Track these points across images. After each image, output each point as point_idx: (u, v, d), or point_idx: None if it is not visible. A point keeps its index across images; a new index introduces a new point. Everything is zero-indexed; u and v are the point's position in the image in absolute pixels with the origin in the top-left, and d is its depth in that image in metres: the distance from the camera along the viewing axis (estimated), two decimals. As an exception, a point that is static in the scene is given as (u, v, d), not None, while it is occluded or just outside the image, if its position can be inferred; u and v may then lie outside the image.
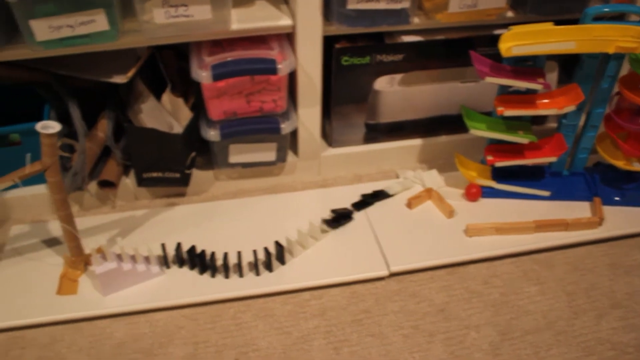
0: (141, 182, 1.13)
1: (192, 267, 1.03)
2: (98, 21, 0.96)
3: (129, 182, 1.16)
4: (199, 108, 1.13)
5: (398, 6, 1.06)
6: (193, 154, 1.15)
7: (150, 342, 0.95)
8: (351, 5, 1.04)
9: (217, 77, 1.02)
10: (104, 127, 1.14)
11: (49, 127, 0.89)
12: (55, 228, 1.13)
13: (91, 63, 1.10)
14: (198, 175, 1.19)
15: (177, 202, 1.18)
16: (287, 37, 1.09)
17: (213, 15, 0.99)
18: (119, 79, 1.06)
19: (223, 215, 1.14)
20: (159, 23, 0.98)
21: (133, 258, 1.00)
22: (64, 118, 1.12)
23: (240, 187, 1.22)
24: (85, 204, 1.17)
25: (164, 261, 1.03)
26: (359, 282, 1.03)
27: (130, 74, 1.07)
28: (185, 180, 1.14)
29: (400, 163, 1.27)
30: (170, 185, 1.14)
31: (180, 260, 1.04)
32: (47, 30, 0.96)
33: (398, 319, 0.98)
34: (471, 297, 1.01)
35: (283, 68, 1.04)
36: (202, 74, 1.02)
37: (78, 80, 1.12)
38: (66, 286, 1.01)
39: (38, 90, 1.13)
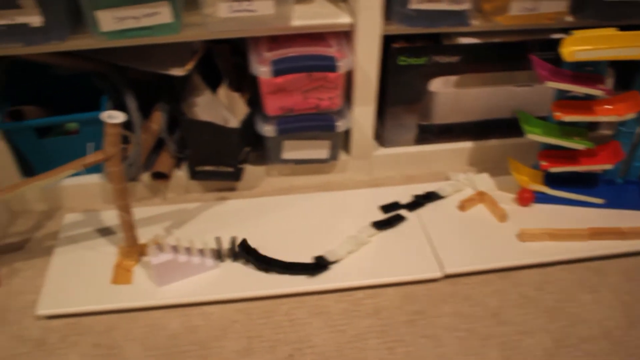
0: (194, 175, 1.13)
1: (246, 262, 1.03)
2: (162, 13, 0.97)
3: (180, 174, 1.17)
4: (255, 103, 1.13)
5: (459, 7, 1.05)
6: (247, 148, 1.15)
7: (205, 334, 0.95)
8: (413, 5, 1.03)
9: (277, 73, 1.02)
10: (158, 119, 1.14)
11: (114, 117, 0.89)
12: (108, 217, 1.14)
13: (147, 55, 1.10)
14: (250, 171, 1.19)
15: (228, 197, 1.19)
16: (345, 35, 1.09)
17: (276, 10, 0.99)
18: (178, 72, 1.07)
19: (274, 211, 1.14)
20: (222, 17, 0.99)
21: (188, 250, 1.01)
22: (119, 109, 1.13)
23: (292, 184, 1.22)
24: (137, 195, 1.18)
25: (218, 254, 1.04)
26: (412, 282, 1.03)
27: (188, 66, 1.07)
28: (237, 175, 1.14)
29: (450, 165, 1.26)
30: (223, 179, 1.15)
31: (234, 255, 1.04)
32: (111, 21, 0.96)
33: (452, 321, 0.97)
34: (524, 302, 1.00)
35: (342, 66, 1.04)
36: (261, 69, 1.02)
37: (134, 71, 1.12)
38: (121, 276, 1.02)
39: (95, 80, 1.14)
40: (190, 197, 1.19)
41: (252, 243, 1.05)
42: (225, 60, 1.18)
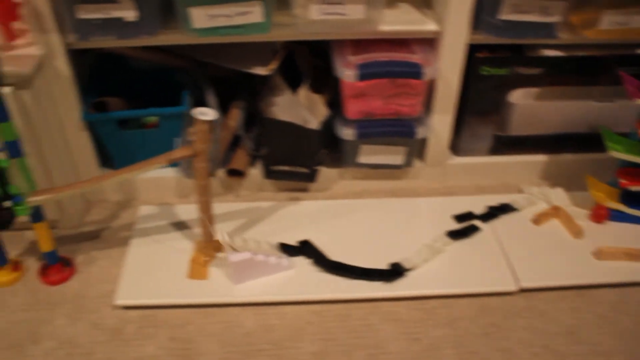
0: (269, 174, 1.14)
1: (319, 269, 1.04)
2: (254, 12, 0.97)
3: (255, 172, 1.18)
4: (333, 106, 1.13)
5: (548, 19, 1.04)
6: (324, 150, 1.15)
7: (280, 334, 0.95)
8: (502, 16, 1.02)
9: (362, 77, 1.02)
10: (235, 117, 1.15)
11: (205, 114, 0.90)
12: (182, 211, 1.15)
13: (229, 53, 1.11)
14: (323, 172, 1.19)
15: (300, 197, 1.19)
16: (429, 42, 1.08)
17: (366, 15, 0.99)
18: (261, 71, 1.07)
19: (347, 214, 1.14)
20: (312, 19, 0.99)
21: (264, 249, 1.01)
22: (198, 105, 1.14)
23: (364, 188, 1.22)
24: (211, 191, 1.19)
25: (293, 255, 1.04)
26: (486, 294, 1.02)
27: (272, 66, 1.07)
28: (312, 177, 1.14)
29: (523, 178, 1.25)
30: (297, 180, 1.15)
31: (308, 255, 1.04)
32: (204, 18, 0.97)
33: (527, 336, 0.96)
34: (601, 322, 0.99)
35: (428, 73, 1.03)
36: (346, 73, 1.02)
37: (213, 68, 1.13)
38: (197, 271, 1.02)
39: (177, 75, 1.15)
40: (262, 196, 1.20)
41: (325, 245, 1.06)
42: (305, 61, 1.18)
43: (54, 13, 0.97)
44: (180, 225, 1.12)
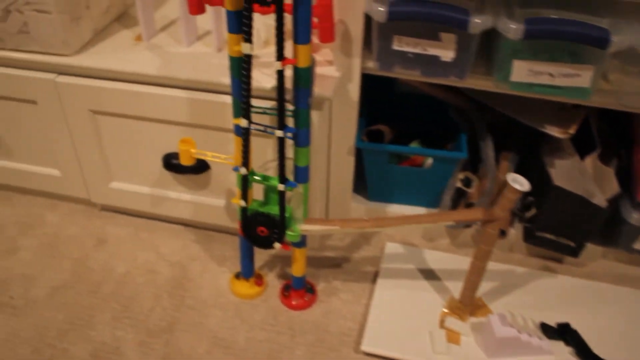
0: (531, 238, 1.05)
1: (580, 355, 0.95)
2: (583, 77, 0.88)
3: (511, 232, 1.09)
4: (625, 182, 1.02)
5: None
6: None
7: None
8: None
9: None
10: (505, 170, 1.07)
11: (518, 182, 0.82)
12: (429, 257, 1.09)
13: (517, 105, 1.03)
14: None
15: (553, 268, 1.09)
16: None
17: None
18: (559, 133, 0.98)
19: (609, 300, 1.03)
20: (642, 93, 0.89)
21: (526, 327, 0.94)
22: (470, 149, 1.07)
23: (625, 272, 1.09)
24: (457, 241, 1.12)
25: (551, 337, 0.96)
26: None
27: (572, 130, 0.98)
28: (577, 252, 1.04)
29: None
30: (559, 251, 1.05)
31: (568, 342, 0.95)
32: (525, 73, 0.89)
33: None
34: None
35: None
36: (661, 157, 0.92)
37: (492, 113, 1.05)
38: (450, 334, 0.96)
39: (452, 114, 1.08)
40: (512, 258, 1.11)
41: (581, 332, 0.96)
42: (595, 128, 1.07)
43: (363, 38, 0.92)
44: (429, 274, 1.05)
